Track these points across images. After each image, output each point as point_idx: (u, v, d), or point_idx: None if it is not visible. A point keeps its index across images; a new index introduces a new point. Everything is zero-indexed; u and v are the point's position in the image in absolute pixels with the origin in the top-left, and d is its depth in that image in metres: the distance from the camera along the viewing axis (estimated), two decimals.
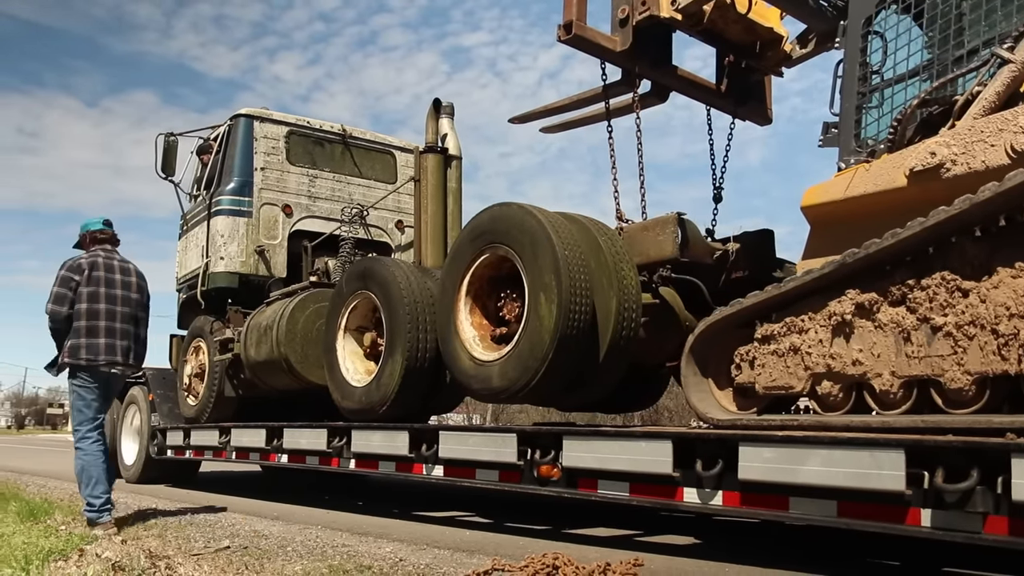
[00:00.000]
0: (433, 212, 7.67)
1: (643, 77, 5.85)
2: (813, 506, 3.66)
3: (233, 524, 6.06)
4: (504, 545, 5.07)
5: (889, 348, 3.62)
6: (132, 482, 10.12)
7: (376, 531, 5.76)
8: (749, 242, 5.75)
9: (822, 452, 3.55)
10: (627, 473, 4.49)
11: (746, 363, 4.23)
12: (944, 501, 3.23)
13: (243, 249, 8.78)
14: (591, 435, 4.81)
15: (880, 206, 3.94)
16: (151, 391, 9.95)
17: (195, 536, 5.41)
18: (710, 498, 4.10)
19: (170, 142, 9.44)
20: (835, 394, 3.85)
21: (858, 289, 3.74)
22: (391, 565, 4.26)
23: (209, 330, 8.81)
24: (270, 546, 5.01)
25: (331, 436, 6.63)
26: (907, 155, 3.85)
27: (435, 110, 8.04)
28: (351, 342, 6.82)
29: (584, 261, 5.00)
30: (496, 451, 5.22)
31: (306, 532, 5.64)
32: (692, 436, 4.27)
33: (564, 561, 3.95)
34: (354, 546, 4.99)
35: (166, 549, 4.79)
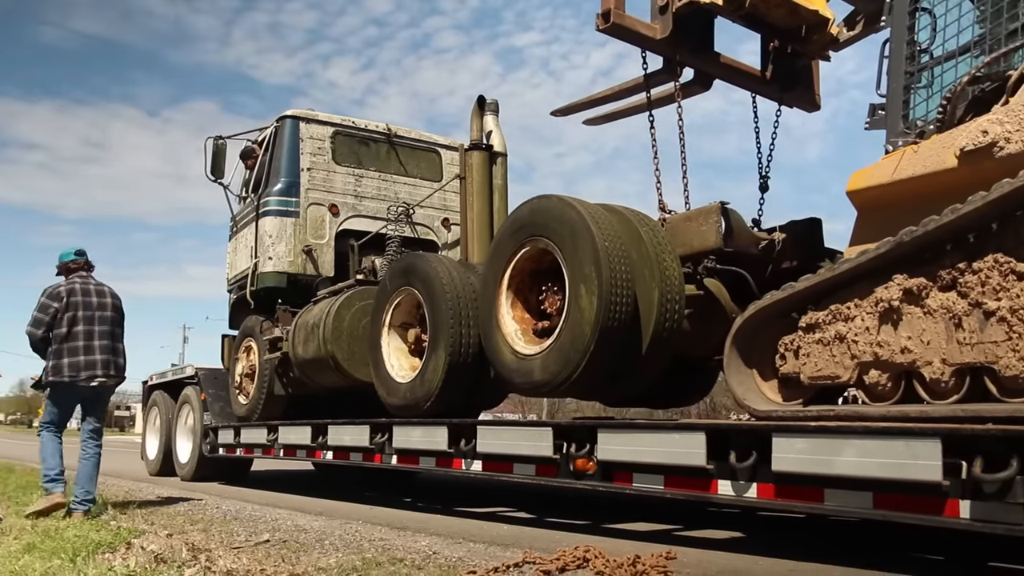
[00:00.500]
0: (479, 209, 7.67)
1: (684, 65, 5.71)
2: (848, 498, 3.58)
3: (276, 519, 6.13)
4: (540, 539, 5.05)
5: (939, 335, 3.48)
6: (187, 480, 10.29)
7: (415, 526, 5.78)
8: (797, 231, 5.58)
9: (856, 442, 3.48)
10: (661, 466, 4.46)
11: (790, 353, 4.11)
12: (983, 492, 3.11)
13: (291, 249, 8.86)
14: (625, 428, 4.80)
15: (929, 189, 3.78)
16: (203, 391, 10.10)
17: (238, 530, 5.47)
18: (744, 490, 4.04)
19: (219, 145, 9.59)
20: (883, 383, 3.71)
21: (906, 274, 3.61)
22: (424, 558, 4.27)
23: (259, 329, 8.91)
24: (308, 540, 5.03)
25: (373, 432, 6.68)
26: (957, 135, 3.69)
27: (479, 107, 8.01)
28: (395, 338, 6.82)
29: (625, 252, 4.92)
30: (533, 445, 5.21)
31: (346, 527, 5.67)
32: (725, 428, 4.25)
33: (595, 554, 3.94)
34: (391, 540, 5.01)
35: (208, 542, 4.85)
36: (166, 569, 3.92)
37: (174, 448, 10.88)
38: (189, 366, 10.91)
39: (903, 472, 3.29)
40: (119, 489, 8.92)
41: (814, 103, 6.30)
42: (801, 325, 4.05)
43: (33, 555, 4.29)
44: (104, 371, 6.47)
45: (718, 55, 5.74)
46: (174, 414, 11.00)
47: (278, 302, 8.88)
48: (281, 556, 4.37)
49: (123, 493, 8.33)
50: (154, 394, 11.86)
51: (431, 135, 10.13)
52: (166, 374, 11.64)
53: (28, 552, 4.41)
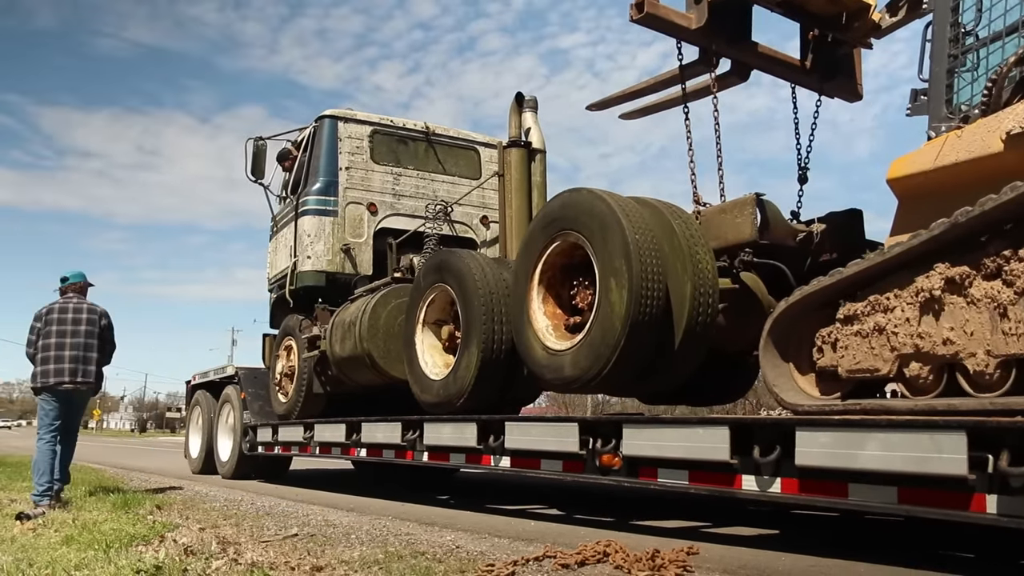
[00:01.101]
0: (517, 207, 7.60)
1: (721, 55, 5.58)
2: (873, 492, 3.49)
3: (308, 514, 6.17)
4: (565, 535, 5.02)
5: (983, 325, 3.32)
6: (227, 478, 10.40)
7: (443, 521, 5.79)
8: (836, 223, 5.44)
9: (880, 436, 3.39)
10: (686, 461, 4.40)
11: (828, 345, 3.98)
12: (1010, 486, 3.02)
13: (329, 248, 8.88)
14: (650, 423, 4.75)
15: (974, 175, 3.63)
16: (243, 390, 10.18)
17: (269, 525, 5.52)
18: (768, 485, 3.96)
19: (259, 146, 9.66)
20: (924, 376, 3.56)
21: (948, 263, 3.46)
22: (446, 552, 4.26)
23: (298, 328, 8.95)
24: (336, 534, 5.05)
25: (405, 429, 6.67)
26: (1003, 118, 3.54)
27: (518, 104, 7.95)
28: (429, 335, 6.80)
29: (657, 245, 4.82)
30: (559, 440, 5.15)
31: (374, 522, 5.68)
32: (749, 422, 4.17)
33: (615, 548, 3.93)
34: (417, 535, 5.02)
35: (239, 536, 4.91)
36: (194, 561, 3.97)
37: (215, 446, 10.99)
38: (230, 366, 11.05)
39: (928, 466, 3.21)
40: (160, 486, 9.11)
41: (856, 92, 6.11)
42: (839, 317, 3.91)
43: (70, 547, 4.41)
44: (71, 377, 7.28)
45: (756, 44, 5.59)
46: (215, 413, 11.09)
47: (317, 301, 8.90)
48: (307, 549, 4.41)
49: (164, 490, 8.48)
50: (197, 394, 12.03)
51: (469, 132, 10.10)
52: (208, 374, 11.76)
53: (66, 544, 4.53)
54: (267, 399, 9.96)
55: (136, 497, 7.29)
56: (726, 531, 5.26)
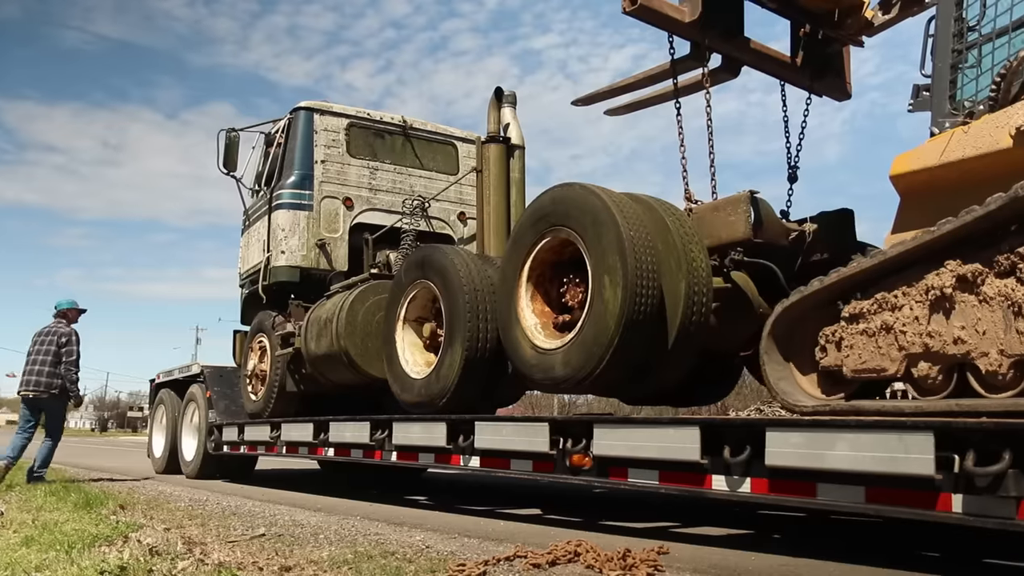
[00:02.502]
0: (496, 203, 7.49)
1: (713, 50, 5.48)
2: (841, 492, 3.51)
3: (275, 514, 6.10)
4: (535, 535, 4.98)
5: (996, 324, 3.23)
6: (191, 477, 10.23)
7: (412, 521, 5.74)
8: (827, 223, 5.36)
9: (849, 436, 3.42)
10: (656, 461, 4.38)
11: (832, 344, 3.87)
12: (975, 485, 3.05)
13: (304, 243, 8.69)
14: (621, 423, 4.73)
15: (981, 171, 3.56)
16: (209, 388, 9.99)
17: (235, 525, 5.45)
18: (738, 485, 3.96)
19: (231, 138, 9.41)
20: (933, 376, 3.47)
21: (959, 260, 3.36)
22: (416, 552, 4.23)
23: (271, 325, 8.75)
24: (304, 534, 5.01)
25: (373, 429, 6.57)
26: (1012, 114, 3.47)
27: (497, 99, 7.82)
28: (410, 333, 6.64)
29: (651, 242, 4.71)
30: (529, 440, 5.10)
31: (343, 522, 5.64)
32: (719, 422, 4.18)
33: (586, 548, 3.95)
34: (386, 534, 4.98)
35: (205, 536, 4.83)
36: (159, 561, 3.87)
37: (179, 446, 10.81)
38: (195, 364, 10.81)
39: (896, 466, 3.24)
40: (123, 486, 8.95)
41: (845, 91, 6.07)
42: (844, 315, 3.81)
43: (30, 548, 4.28)
44: (24, 387, 9.37)
45: (748, 40, 5.51)
46: (180, 412, 10.92)
47: (290, 297, 8.71)
48: (275, 549, 4.35)
49: (126, 490, 8.32)
50: (161, 392, 11.81)
51: (447, 127, 9.93)
52: (173, 372, 11.52)
53: (26, 545, 4.39)
54: (233, 398, 9.80)
55: (98, 497, 7.11)
56: (696, 531, 5.22)
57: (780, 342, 4.15)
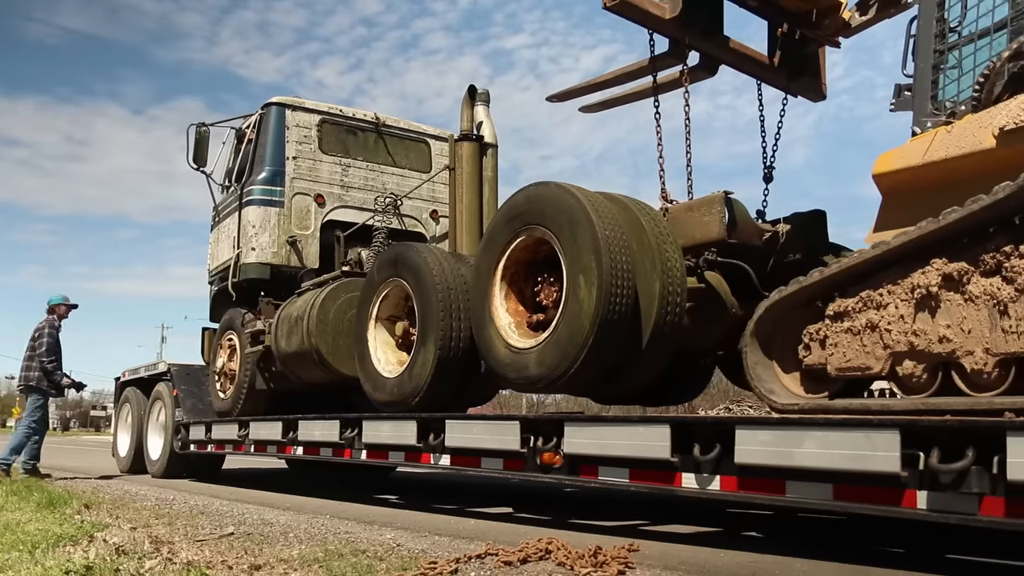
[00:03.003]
0: (469, 201, 7.44)
1: (692, 48, 5.46)
2: (809, 489, 3.56)
3: (243, 513, 6.02)
4: (505, 533, 4.96)
5: (982, 323, 3.26)
6: (157, 477, 10.09)
7: (382, 520, 5.69)
8: (800, 224, 5.38)
9: (817, 434, 3.46)
10: (627, 459, 4.39)
11: (816, 343, 3.88)
12: (939, 482, 3.13)
13: (275, 240, 8.57)
14: (592, 421, 4.76)
15: (964, 171, 3.59)
16: (175, 386, 9.85)
17: (203, 524, 5.37)
18: (708, 483, 3.99)
19: (201, 132, 9.27)
20: (918, 375, 3.48)
21: (945, 259, 3.38)
22: (387, 550, 4.20)
23: (241, 322, 8.62)
24: (273, 532, 4.95)
25: (343, 427, 6.51)
26: (996, 114, 3.49)
27: (470, 97, 7.78)
28: (383, 332, 6.55)
29: (626, 242, 4.68)
30: (500, 439, 5.09)
31: (312, 520, 5.58)
32: (689, 420, 4.23)
33: (557, 545, 3.96)
34: (356, 533, 4.94)
35: (172, 535, 4.76)
36: (127, 561, 3.80)
37: (145, 445, 10.65)
38: (162, 362, 10.65)
39: (863, 463, 3.29)
40: (87, 485, 8.79)
41: (821, 92, 6.07)
42: (828, 313, 3.81)
43: None
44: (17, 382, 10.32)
45: (727, 39, 5.49)
46: (146, 410, 10.77)
47: (260, 294, 8.58)
48: (244, 548, 4.29)
49: (91, 489, 8.18)
50: (126, 391, 11.61)
51: (420, 125, 9.84)
52: (139, 370, 11.34)
53: None
54: (200, 396, 9.66)
55: (62, 496, 6.95)
56: (666, 529, 5.21)
57: (763, 341, 4.14)
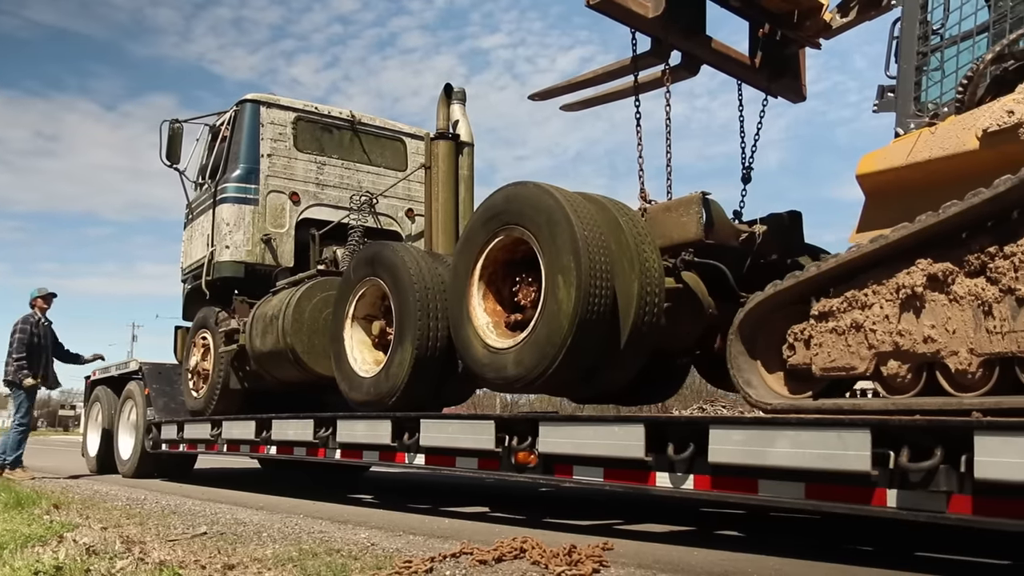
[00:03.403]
0: (444, 200, 7.39)
1: (675, 47, 5.44)
2: (782, 488, 3.60)
3: (216, 513, 5.97)
4: (480, 532, 4.94)
5: (967, 323, 3.27)
6: (128, 476, 9.96)
7: (356, 519, 5.65)
8: (777, 225, 5.39)
9: (790, 433, 3.50)
10: (601, 458, 4.42)
11: (800, 343, 3.88)
12: (909, 481, 3.18)
13: (249, 238, 8.46)
14: (567, 421, 4.80)
15: (947, 172, 3.59)
16: (147, 386, 9.73)
17: (175, 524, 5.31)
18: (682, 482, 4.03)
19: (175, 129, 9.12)
20: (903, 375, 3.50)
21: (930, 259, 3.39)
22: (361, 549, 4.19)
23: (214, 321, 8.51)
24: (247, 532, 4.92)
25: (317, 426, 6.45)
26: (979, 115, 3.50)
27: (446, 95, 7.76)
28: (359, 331, 6.49)
29: (604, 242, 4.67)
30: (475, 438, 5.08)
31: (286, 520, 5.55)
32: (664, 420, 4.25)
33: (532, 544, 3.97)
34: (330, 532, 4.91)
35: (144, 535, 4.71)
36: (97, 561, 3.76)
37: (116, 444, 10.50)
38: (133, 361, 10.53)
39: (834, 462, 3.33)
40: (56, 485, 8.68)
41: (800, 93, 6.08)
42: (813, 313, 3.81)
43: None
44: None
45: (709, 38, 5.47)
46: (117, 410, 10.62)
47: (235, 293, 8.47)
48: (217, 548, 4.24)
49: (60, 489, 8.07)
50: (96, 390, 11.44)
51: (396, 123, 9.75)
52: (109, 369, 11.19)
53: None
54: (172, 395, 9.56)
55: (30, 496, 6.86)
56: (639, 528, 5.21)
57: (747, 340, 4.15)
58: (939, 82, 3.91)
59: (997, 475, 2.88)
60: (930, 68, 3.99)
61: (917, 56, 3.95)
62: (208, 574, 3.55)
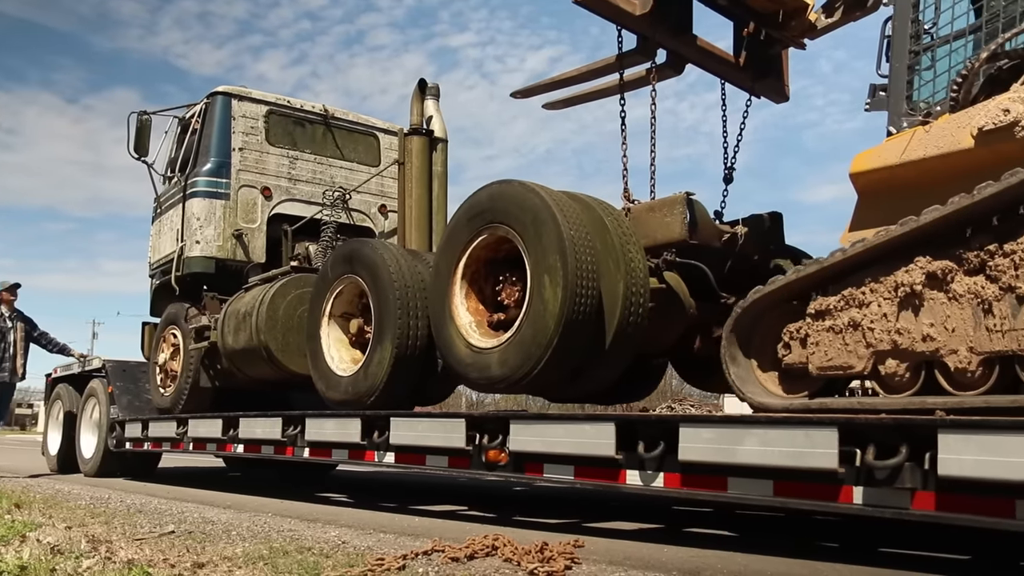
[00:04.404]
0: (418, 196, 7.33)
1: (661, 46, 5.40)
2: (750, 486, 3.66)
3: (183, 512, 5.87)
4: (450, 530, 4.91)
5: (966, 322, 3.25)
6: (90, 475, 9.77)
7: (325, 518, 5.60)
8: (758, 226, 5.39)
9: (759, 432, 3.55)
10: (572, 456, 4.44)
11: (796, 341, 3.85)
12: (875, 478, 3.23)
13: (220, 233, 8.28)
14: (537, 419, 4.78)
15: (942, 171, 3.58)
16: (111, 383, 9.53)
17: (142, 523, 5.22)
18: (652, 480, 4.06)
19: (143, 121, 8.89)
20: (901, 374, 3.48)
21: (929, 256, 3.36)
22: (333, 547, 4.17)
23: (184, 317, 8.33)
24: (215, 531, 4.87)
25: (286, 425, 6.38)
26: (974, 114, 3.49)
27: (420, 91, 7.68)
28: (336, 329, 6.37)
29: (590, 242, 4.63)
30: (445, 436, 5.07)
31: (254, 519, 5.49)
32: (634, 419, 4.30)
33: (503, 542, 3.98)
34: (300, 531, 4.88)
35: (110, 534, 4.62)
36: (63, 560, 3.67)
37: (78, 443, 10.29)
38: (96, 358, 10.31)
39: (802, 460, 3.38)
40: (16, 484, 8.47)
41: (783, 93, 6.07)
42: (809, 312, 3.78)
43: None
44: None
45: (696, 37, 5.44)
46: (79, 408, 10.42)
47: (204, 289, 8.30)
48: (186, 547, 4.18)
49: (20, 488, 7.87)
50: (58, 387, 11.22)
51: (369, 118, 9.60)
52: (71, 366, 10.96)
53: None
54: (137, 393, 9.39)
55: None
56: (609, 526, 5.21)
57: (741, 339, 4.12)
58: (932, 81, 3.91)
59: (960, 472, 2.94)
60: (922, 67, 3.98)
61: (909, 55, 3.94)
62: (178, 573, 3.48)
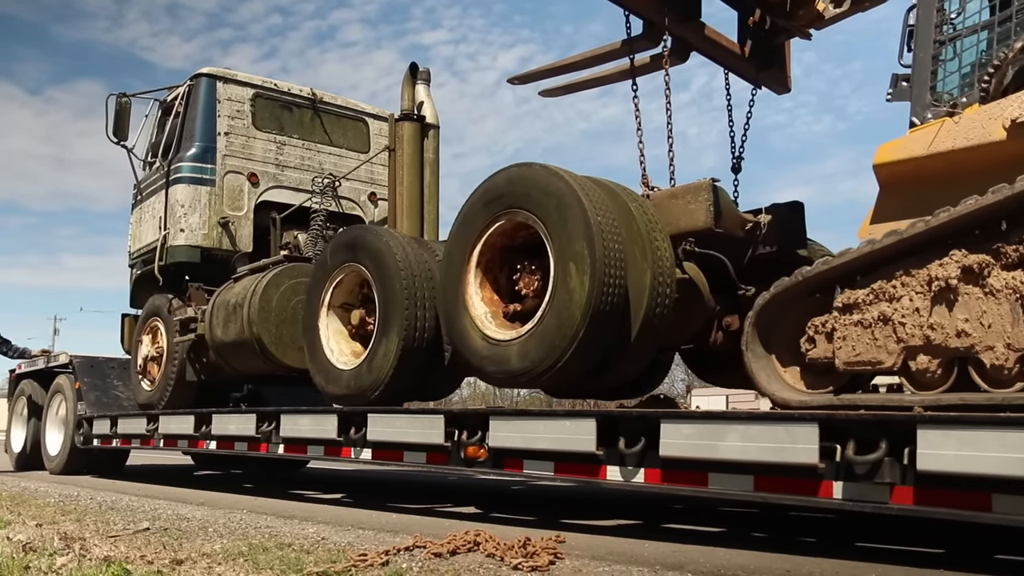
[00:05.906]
0: (409, 184, 7.16)
1: (668, 32, 5.33)
2: (731, 481, 3.69)
3: (156, 509, 5.81)
4: (431, 527, 4.88)
5: (1003, 317, 3.19)
6: (56, 473, 9.62)
7: (302, 514, 5.57)
8: (780, 215, 5.30)
9: (740, 427, 3.59)
10: (552, 452, 4.45)
11: (821, 336, 3.77)
12: (854, 473, 3.28)
13: (205, 221, 8.08)
14: (517, 415, 4.80)
15: (971, 163, 3.55)
16: (78, 379, 9.33)
17: (115, 520, 5.16)
18: (632, 476, 4.09)
19: (122, 103, 8.62)
20: (933, 370, 3.41)
21: (965, 250, 3.31)
22: (312, 543, 4.16)
23: (167, 309, 8.11)
24: (191, 527, 4.83)
25: (260, 421, 6.35)
26: (1007, 105, 3.45)
27: (411, 76, 7.49)
28: (335, 320, 6.19)
29: (617, 229, 4.50)
30: (423, 432, 5.07)
31: (230, 515, 5.45)
32: (616, 414, 4.29)
33: (485, 537, 3.98)
34: (277, 527, 4.85)
35: (83, 531, 4.55)
36: (36, 558, 3.60)
37: (43, 440, 10.10)
38: (63, 353, 10.08)
39: (783, 456, 3.42)
40: None
41: (786, 84, 6.06)
42: (837, 305, 3.72)
43: None
44: None
45: (703, 25, 5.41)
46: (44, 404, 10.20)
47: (186, 279, 8.11)
48: (162, 543, 4.14)
49: None
50: (22, 383, 10.97)
51: (358, 103, 9.43)
52: (36, 362, 10.68)
53: None
54: (105, 389, 9.24)
55: None
56: (590, 522, 5.20)
57: (763, 333, 4.05)
58: (956, 72, 3.88)
59: (938, 467, 2.99)
60: (946, 59, 3.96)
61: (934, 45, 3.91)
62: (156, 569, 3.42)
